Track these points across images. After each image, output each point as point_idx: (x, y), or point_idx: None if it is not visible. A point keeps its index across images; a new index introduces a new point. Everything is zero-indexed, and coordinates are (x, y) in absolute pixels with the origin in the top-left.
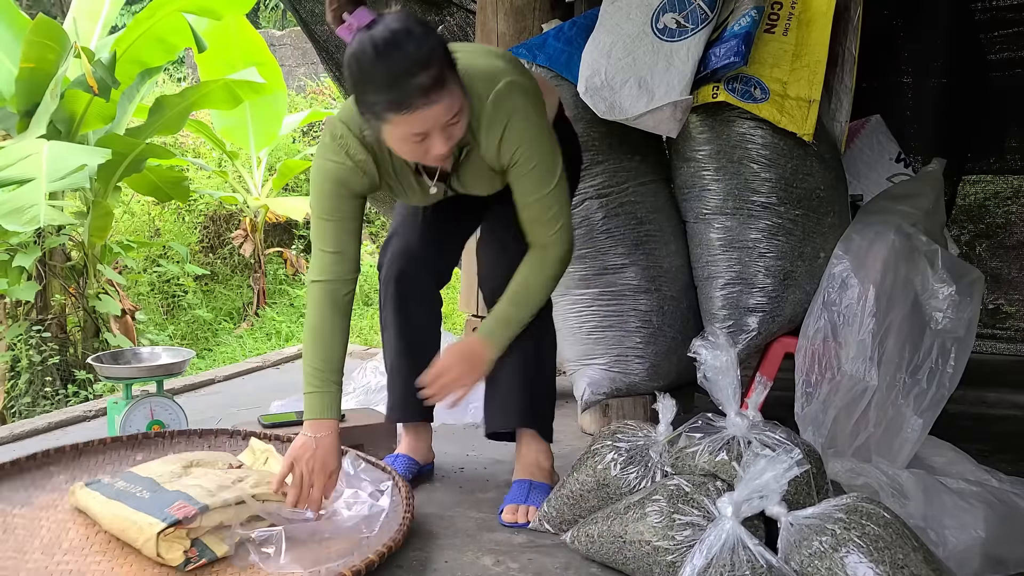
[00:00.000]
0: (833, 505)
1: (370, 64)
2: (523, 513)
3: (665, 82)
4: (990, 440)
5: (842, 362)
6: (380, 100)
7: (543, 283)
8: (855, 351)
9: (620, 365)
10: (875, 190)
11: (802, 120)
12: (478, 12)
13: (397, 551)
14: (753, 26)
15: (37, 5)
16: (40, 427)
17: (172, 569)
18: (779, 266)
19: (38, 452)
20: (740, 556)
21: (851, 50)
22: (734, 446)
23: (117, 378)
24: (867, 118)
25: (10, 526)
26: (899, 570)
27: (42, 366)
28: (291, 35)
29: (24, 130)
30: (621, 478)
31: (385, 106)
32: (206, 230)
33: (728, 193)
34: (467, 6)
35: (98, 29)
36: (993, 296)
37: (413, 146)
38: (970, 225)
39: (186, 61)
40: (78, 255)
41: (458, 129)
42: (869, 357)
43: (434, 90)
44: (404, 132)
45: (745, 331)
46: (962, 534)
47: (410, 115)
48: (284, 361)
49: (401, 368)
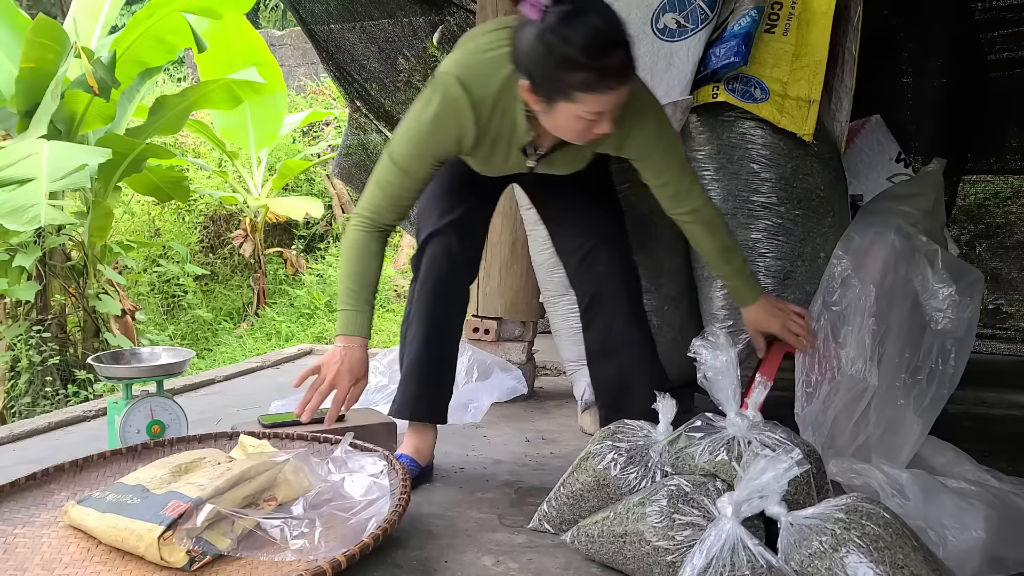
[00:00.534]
0: (833, 505)
1: (571, 44)
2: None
3: (665, 82)
4: (990, 440)
5: (842, 362)
6: (578, 79)
7: (729, 237)
8: (855, 351)
9: None
10: (875, 190)
11: (802, 120)
12: (478, 12)
13: (398, 550)
14: (753, 26)
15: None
16: (40, 427)
17: (176, 571)
18: (779, 266)
19: (37, 472)
20: (740, 556)
21: (851, 50)
22: (734, 446)
23: (117, 378)
24: (867, 118)
25: (11, 545)
26: (899, 570)
27: (42, 366)
28: (291, 35)
29: (24, 130)
30: (621, 478)
31: (582, 86)
32: (206, 230)
33: (728, 193)
34: (467, 6)
35: (98, 29)
36: (993, 296)
37: (585, 124)
38: (970, 225)
39: (186, 61)
40: (78, 255)
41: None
42: (869, 357)
43: (630, 70)
44: (586, 111)
45: (745, 331)
46: (962, 534)
47: (603, 95)
48: (284, 361)
49: (421, 366)
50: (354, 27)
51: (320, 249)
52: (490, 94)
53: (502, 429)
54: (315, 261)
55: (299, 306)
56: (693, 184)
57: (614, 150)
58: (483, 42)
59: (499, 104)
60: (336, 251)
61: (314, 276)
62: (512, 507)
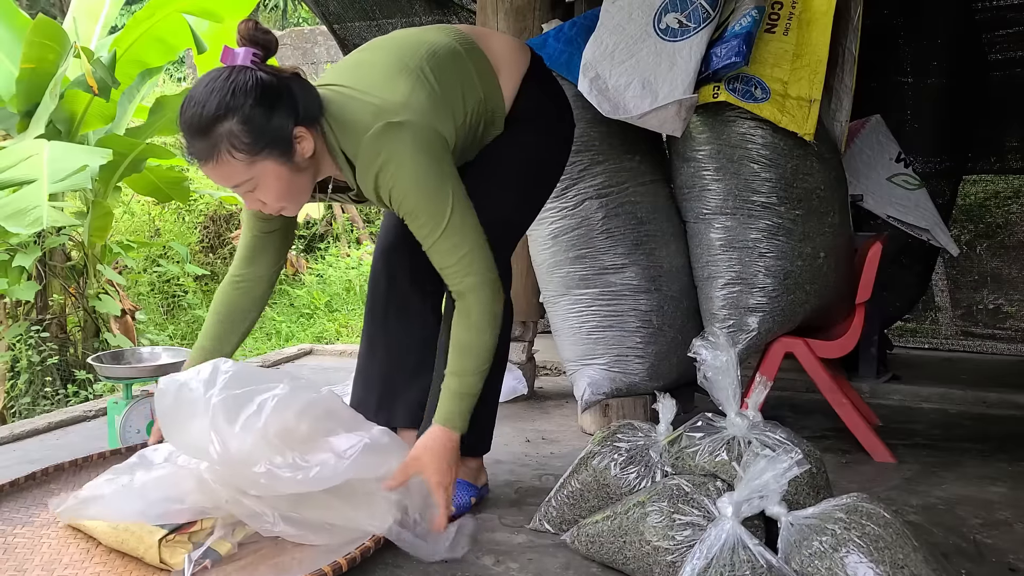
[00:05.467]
0: (833, 505)
1: (179, 112)
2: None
3: (668, 82)
4: (990, 440)
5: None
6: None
7: (477, 339)
8: None
9: (620, 365)
10: (875, 190)
11: (803, 120)
12: (478, 12)
13: (398, 550)
14: (754, 26)
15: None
16: (40, 427)
17: (174, 573)
18: (779, 266)
19: (37, 471)
20: (740, 556)
21: (851, 50)
22: (734, 446)
23: (117, 378)
24: (867, 118)
25: (11, 545)
26: (899, 570)
27: (42, 366)
28: (291, 35)
29: (24, 130)
30: (621, 478)
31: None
32: (206, 230)
33: (728, 193)
34: (468, 6)
35: (98, 29)
36: (993, 296)
37: (238, 190)
38: (970, 225)
39: (186, 61)
40: (78, 255)
41: (262, 195)
42: None
43: (206, 161)
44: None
45: (745, 331)
46: None
47: (202, 168)
48: (284, 361)
49: (363, 368)
50: (369, 25)
51: (320, 249)
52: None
53: (502, 429)
54: (315, 261)
55: (299, 306)
56: (473, 256)
57: (379, 203)
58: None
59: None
60: (336, 251)
61: (314, 276)
62: (512, 507)
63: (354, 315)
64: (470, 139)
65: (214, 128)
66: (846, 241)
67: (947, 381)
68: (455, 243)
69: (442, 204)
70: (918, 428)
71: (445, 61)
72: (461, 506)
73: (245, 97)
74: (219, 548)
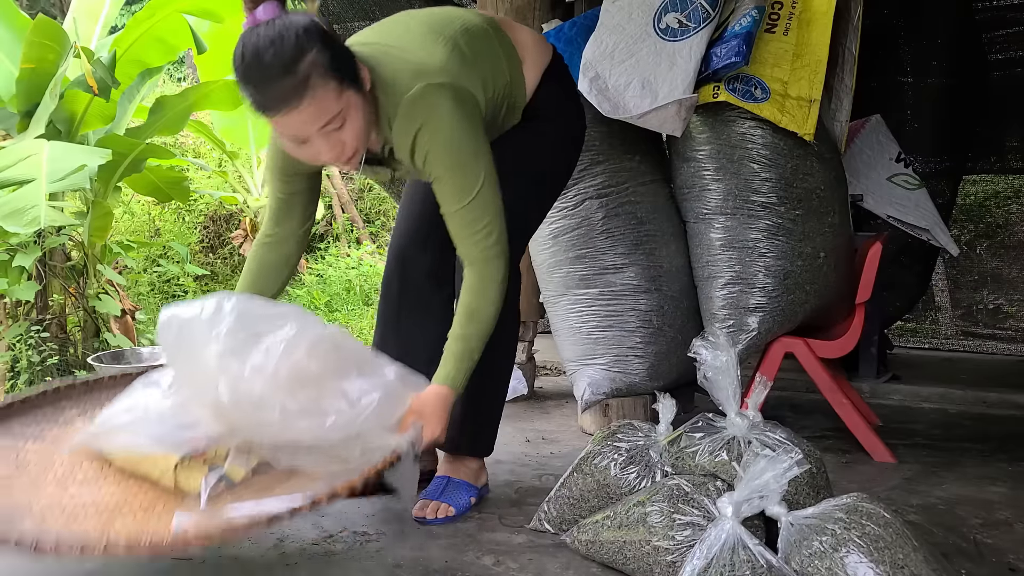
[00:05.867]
0: (833, 505)
1: (239, 65)
2: (432, 509)
3: (668, 81)
4: (990, 440)
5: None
6: (249, 101)
7: (486, 307)
8: None
9: (620, 365)
10: (875, 190)
11: (803, 120)
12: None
13: (398, 549)
14: (754, 26)
15: (37, 5)
16: None
17: (189, 496)
18: (779, 266)
19: (48, 388)
20: (740, 556)
21: (851, 50)
22: (734, 446)
23: None
24: (867, 118)
25: (23, 461)
26: (899, 570)
27: (42, 366)
28: None
29: (24, 130)
30: (621, 478)
31: (254, 107)
32: (206, 230)
33: (728, 193)
34: (468, 6)
35: (98, 29)
36: (993, 296)
37: (298, 147)
38: (970, 225)
39: (186, 61)
40: (78, 255)
41: (347, 134)
42: None
43: (297, 99)
44: (282, 133)
45: (745, 331)
46: None
47: (276, 118)
48: None
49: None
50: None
51: (320, 249)
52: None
53: (502, 429)
54: (315, 261)
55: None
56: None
57: (411, 165)
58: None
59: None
60: (336, 251)
61: (314, 276)
62: (512, 507)
63: (354, 315)
64: (491, 118)
65: (301, 59)
66: (846, 241)
67: (947, 381)
68: (479, 214)
69: (475, 171)
70: (918, 428)
71: (478, 37)
72: (461, 506)
73: (311, 30)
74: (233, 476)
